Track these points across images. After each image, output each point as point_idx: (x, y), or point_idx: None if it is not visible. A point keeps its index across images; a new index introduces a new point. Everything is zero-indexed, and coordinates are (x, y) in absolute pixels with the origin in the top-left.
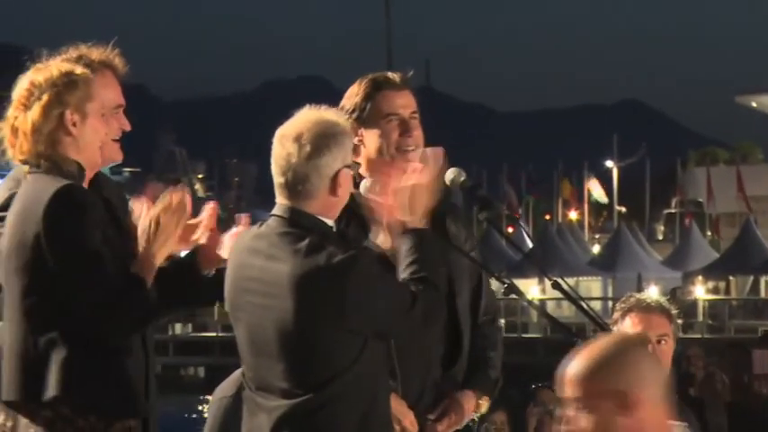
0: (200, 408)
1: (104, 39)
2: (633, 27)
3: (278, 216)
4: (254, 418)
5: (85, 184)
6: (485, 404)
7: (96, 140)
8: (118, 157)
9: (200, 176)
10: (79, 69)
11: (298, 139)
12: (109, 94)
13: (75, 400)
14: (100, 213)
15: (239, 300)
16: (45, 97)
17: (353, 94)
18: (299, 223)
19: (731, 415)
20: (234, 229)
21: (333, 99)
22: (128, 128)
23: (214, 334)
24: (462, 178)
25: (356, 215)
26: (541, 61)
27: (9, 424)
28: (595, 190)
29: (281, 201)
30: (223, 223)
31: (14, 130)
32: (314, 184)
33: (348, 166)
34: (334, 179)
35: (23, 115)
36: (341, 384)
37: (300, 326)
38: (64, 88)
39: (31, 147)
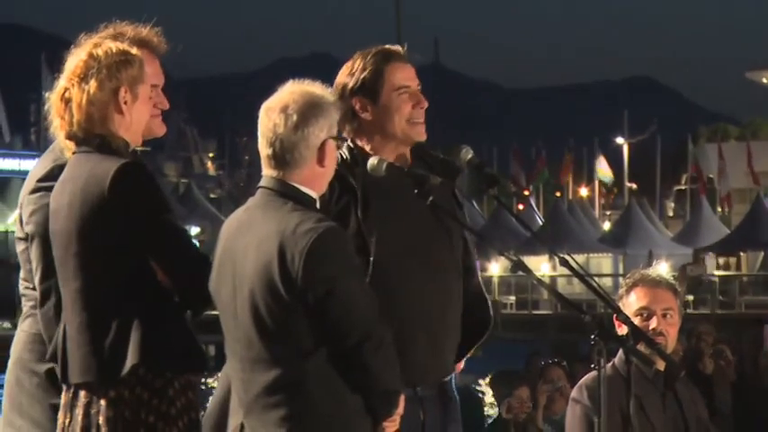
0: (210, 384)
1: (116, 15)
2: (644, 2)
3: (264, 188)
4: (233, 390)
5: None
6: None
7: (142, 123)
8: (159, 130)
9: (210, 155)
10: (135, 50)
11: (284, 110)
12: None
13: (153, 362)
14: (163, 187)
15: (223, 270)
16: (104, 71)
17: (358, 69)
18: (284, 193)
19: (737, 392)
20: None
21: None
22: (165, 106)
23: None
24: (470, 156)
25: (348, 189)
26: (551, 38)
27: (84, 401)
28: (601, 166)
29: (267, 172)
30: (234, 202)
31: (66, 101)
32: (301, 154)
33: (335, 138)
34: (321, 149)
35: (78, 87)
36: (310, 366)
37: (264, 291)
38: (122, 65)
39: (82, 120)
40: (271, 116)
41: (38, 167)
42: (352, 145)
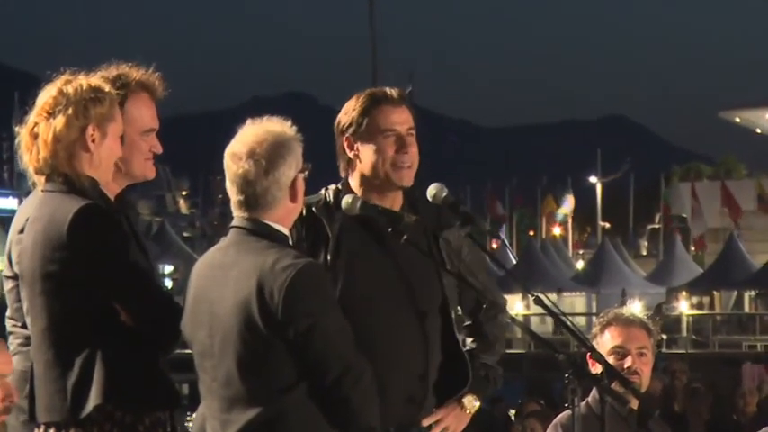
0: (185, 424)
1: (89, 55)
2: (617, 41)
3: (237, 227)
4: (210, 430)
5: (112, 199)
6: (474, 402)
7: (111, 161)
8: (151, 174)
9: (183, 193)
10: (107, 87)
11: (251, 155)
12: (142, 116)
13: (118, 400)
14: (124, 228)
15: (197, 310)
16: (71, 109)
17: (350, 109)
18: (257, 231)
19: (711, 430)
20: None
21: (318, 115)
22: (159, 150)
23: None
24: (444, 194)
25: (320, 231)
26: (525, 77)
27: None
28: (565, 205)
29: (238, 214)
30: (208, 240)
31: (34, 136)
32: (275, 196)
33: (302, 171)
34: (293, 187)
35: (46, 123)
36: (290, 402)
37: (242, 327)
38: (90, 103)
39: (48, 156)
40: (238, 163)
41: (27, 205)
42: (340, 187)
